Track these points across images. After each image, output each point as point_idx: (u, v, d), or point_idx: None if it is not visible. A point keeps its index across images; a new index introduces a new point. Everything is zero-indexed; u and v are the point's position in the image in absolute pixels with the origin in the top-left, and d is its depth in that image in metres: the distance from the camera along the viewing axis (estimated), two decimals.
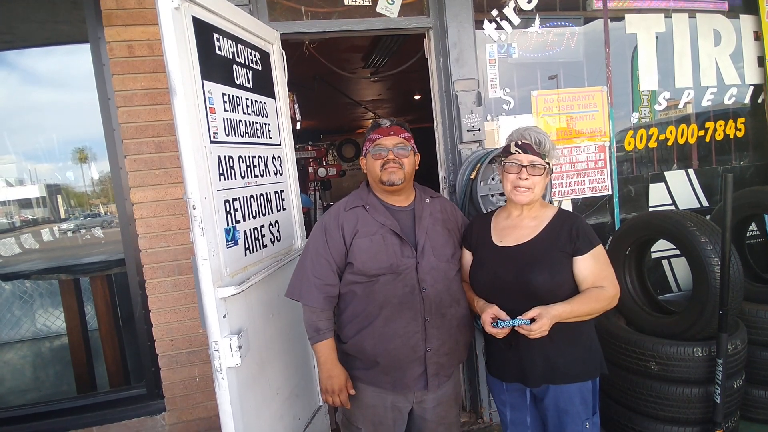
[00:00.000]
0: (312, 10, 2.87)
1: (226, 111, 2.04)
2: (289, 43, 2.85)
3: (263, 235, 2.26)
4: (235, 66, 2.14)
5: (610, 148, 3.31)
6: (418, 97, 8.07)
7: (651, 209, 3.45)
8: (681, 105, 3.49)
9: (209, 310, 1.79)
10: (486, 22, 3.05)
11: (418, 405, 1.93)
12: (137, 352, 2.96)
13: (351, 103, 8.18)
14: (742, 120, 3.60)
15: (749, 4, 3.54)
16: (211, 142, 1.90)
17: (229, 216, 1.98)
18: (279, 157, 2.51)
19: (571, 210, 3.21)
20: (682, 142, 3.51)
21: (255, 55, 2.35)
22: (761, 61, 3.59)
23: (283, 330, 2.33)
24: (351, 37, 3.08)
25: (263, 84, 2.41)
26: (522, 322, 1.63)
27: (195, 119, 1.79)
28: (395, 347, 1.82)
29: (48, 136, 3.51)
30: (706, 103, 3.52)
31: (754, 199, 3.07)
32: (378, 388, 1.89)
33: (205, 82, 1.89)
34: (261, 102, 2.35)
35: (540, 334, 1.62)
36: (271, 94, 2.49)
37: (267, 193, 2.34)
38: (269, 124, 2.42)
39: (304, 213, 2.80)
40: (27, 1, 2.90)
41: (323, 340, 1.85)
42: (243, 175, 2.12)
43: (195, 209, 1.75)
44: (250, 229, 2.15)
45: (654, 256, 3.44)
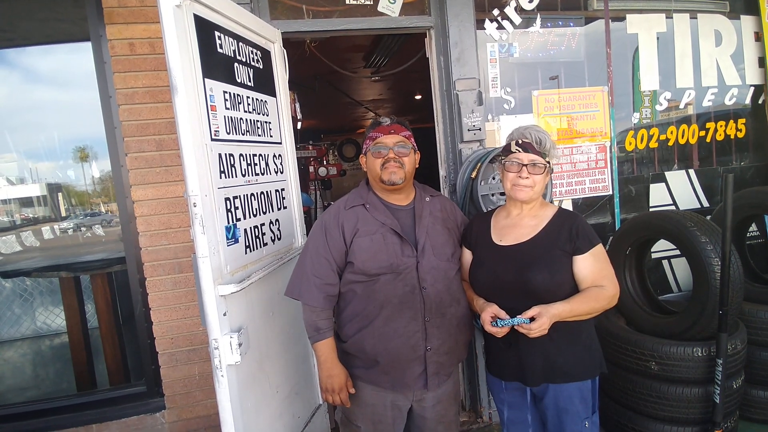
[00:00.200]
0: (313, 9, 2.87)
1: (227, 109, 2.04)
2: (290, 42, 2.86)
3: (264, 234, 2.26)
4: (236, 64, 2.15)
5: (610, 148, 3.31)
6: (418, 97, 8.07)
7: (651, 209, 3.45)
8: (682, 105, 3.49)
9: (209, 308, 1.79)
10: (487, 22, 3.06)
11: (418, 403, 1.93)
12: (137, 349, 2.97)
13: (352, 102, 8.18)
14: (743, 121, 3.60)
15: (750, 5, 3.54)
16: (212, 140, 1.90)
17: (229, 214, 1.98)
18: (280, 155, 2.51)
19: (571, 210, 3.21)
20: (682, 142, 3.51)
21: (256, 53, 2.35)
22: (762, 62, 3.59)
23: (283, 328, 2.34)
24: (352, 36, 3.08)
25: (264, 82, 2.41)
26: (521, 321, 1.63)
27: (196, 117, 1.79)
28: (395, 347, 1.82)
29: (49, 135, 3.51)
30: (706, 104, 3.53)
31: (754, 199, 3.07)
32: (378, 387, 1.89)
33: (206, 80, 1.89)
34: (262, 100, 2.36)
35: (539, 333, 1.62)
36: (272, 92, 2.49)
37: (267, 192, 2.34)
38: (270, 123, 2.43)
39: (304, 212, 2.81)
40: None
41: (323, 339, 1.85)
42: (244, 173, 2.13)
43: (196, 207, 1.75)
44: (251, 227, 2.15)
45: (654, 256, 3.44)
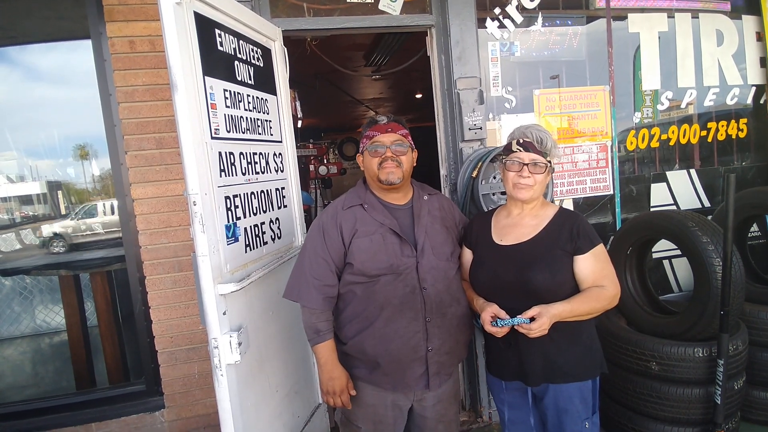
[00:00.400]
0: (314, 7, 2.86)
1: (228, 107, 2.03)
2: (290, 40, 2.85)
3: (264, 232, 2.26)
4: (236, 62, 2.14)
5: (611, 147, 3.31)
6: (419, 95, 8.06)
7: (652, 209, 3.44)
8: (683, 105, 3.48)
9: (209, 307, 1.79)
10: (488, 20, 3.05)
11: (418, 403, 1.92)
12: (137, 348, 2.96)
13: (352, 101, 8.18)
14: (744, 120, 3.59)
15: (752, 5, 3.53)
16: (212, 138, 1.90)
17: (229, 212, 1.98)
18: (280, 154, 2.50)
19: (572, 209, 3.20)
20: (684, 142, 3.50)
21: (257, 51, 2.34)
22: (763, 62, 3.58)
23: (283, 327, 2.33)
24: (353, 34, 3.07)
25: (265, 81, 2.41)
26: (522, 321, 1.62)
27: (196, 115, 1.79)
28: (396, 348, 1.80)
29: (49, 133, 3.51)
30: (708, 104, 3.52)
31: (755, 199, 3.07)
32: (379, 387, 1.88)
33: (206, 78, 1.88)
34: (262, 99, 2.35)
35: (540, 333, 1.62)
36: (272, 90, 2.49)
37: (268, 190, 2.33)
38: (270, 121, 2.42)
39: (304, 210, 2.80)
40: None
41: (324, 341, 1.82)
42: (244, 171, 2.12)
43: (195, 205, 1.74)
44: (251, 226, 2.15)
45: (655, 256, 3.43)
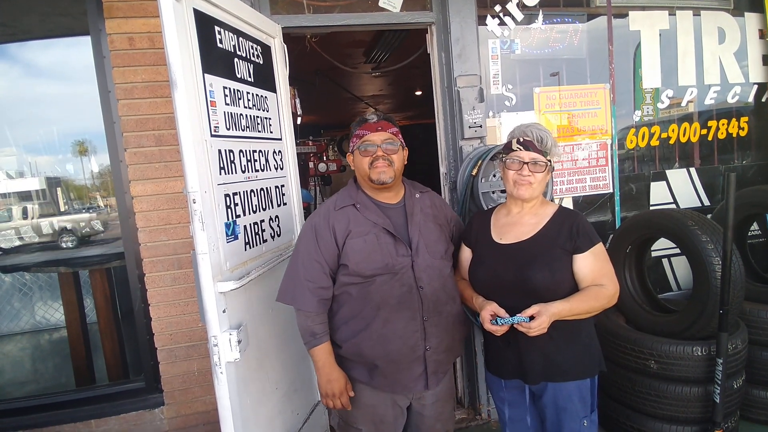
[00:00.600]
0: (314, 3, 2.85)
1: (227, 105, 2.02)
2: (290, 37, 2.84)
3: (263, 230, 2.25)
4: (236, 59, 2.13)
5: (611, 146, 3.30)
6: (419, 93, 8.04)
7: (652, 208, 3.44)
8: (684, 103, 3.47)
9: (209, 305, 1.79)
10: (489, 18, 3.04)
11: (417, 401, 1.91)
12: (136, 345, 2.96)
13: (352, 98, 8.16)
14: (746, 119, 3.58)
15: (755, 2, 3.52)
16: (212, 135, 1.89)
17: (229, 210, 1.97)
18: (280, 151, 2.50)
19: (571, 208, 3.20)
20: (684, 140, 3.49)
21: (256, 48, 2.33)
22: (766, 60, 3.56)
23: (283, 325, 2.33)
24: (353, 31, 3.07)
25: (264, 78, 2.40)
26: (521, 320, 1.62)
27: (196, 112, 1.78)
28: (395, 349, 1.79)
29: (48, 129, 3.50)
30: (709, 102, 3.51)
31: (756, 198, 3.06)
32: (377, 389, 1.86)
33: (206, 75, 1.88)
34: (262, 96, 2.34)
35: (539, 332, 1.62)
36: (272, 88, 2.48)
37: (267, 188, 2.33)
38: (270, 119, 2.41)
39: (304, 208, 2.80)
40: None
41: (320, 344, 1.80)
42: (243, 169, 2.11)
43: (195, 203, 1.74)
44: (251, 224, 2.14)
45: (654, 254, 3.43)
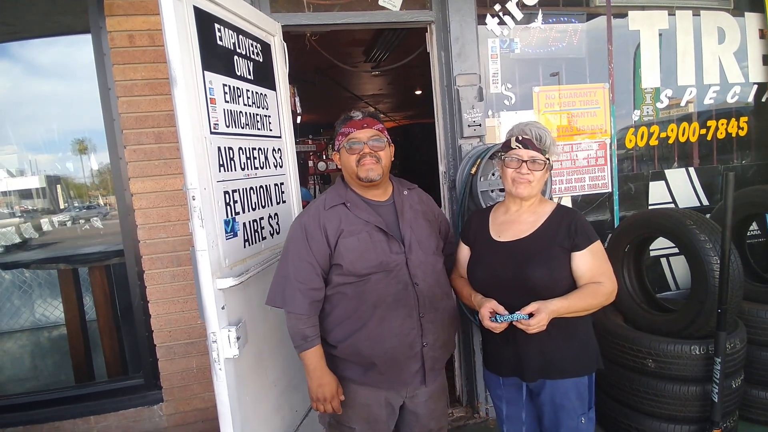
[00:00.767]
0: (314, 2, 2.86)
1: (227, 102, 2.03)
2: (290, 35, 2.84)
3: (262, 228, 2.26)
4: (236, 57, 2.14)
5: (610, 145, 3.31)
6: (419, 92, 8.04)
7: (651, 207, 3.45)
8: (683, 103, 3.48)
9: (208, 301, 1.79)
10: (488, 17, 3.04)
11: (410, 399, 1.90)
12: (135, 342, 2.97)
13: (352, 97, 8.16)
14: (745, 119, 3.58)
15: (755, 2, 3.52)
16: (212, 133, 1.90)
17: (228, 207, 1.98)
18: (279, 149, 2.50)
19: (570, 206, 3.21)
20: (683, 140, 3.50)
21: (256, 46, 2.34)
22: (766, 60, 3.57)
23: (281, 322, 2.31)
24: (353, 30, 3.07)
25: (264, 76, 2.40)
26: (520, 317, 1.63)
27: (195, 110, 1.79)
28: (393, 347, 1.78)
29: (48, 127, 3.51)
30: (708, 102, 3.51)
31: (755, 198, 3.06)
32: (373, 387, 1.85)
33: (205, 72, 1.88)
34: (262, 94, 2.35)
35: (538, 329, 1.62)
36: (272, 86, 2.48)
37: (267, 186, 2.33)
38: (270, 116, 2.42)
39: (303, 206, 2.80)
40: None
41: (312, 347, 1.77)
42: (243, 166, 2.12)
43: (195, 200, 1.74)
44: (250, 221, 2.15)
45: (653, 254, 3.44)
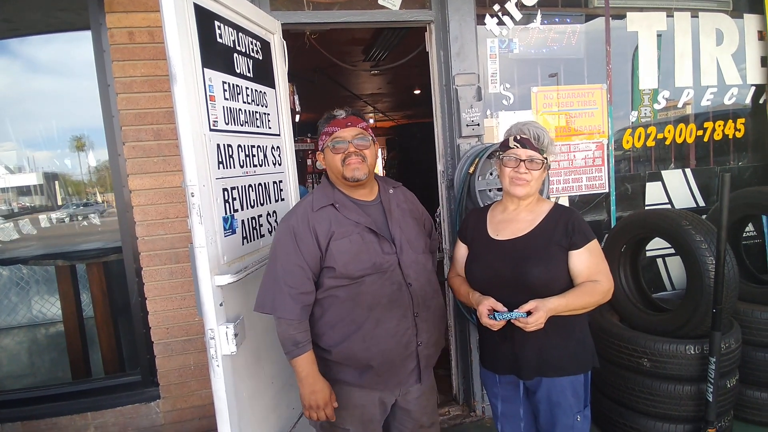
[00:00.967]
0: (314, 0, 2.86)
1: (226, 99, 2.03)
2: (290, 34, 2.85)
3: (261, 225, 2.26)
4: (235, 54, 2.14)
5: (608, 146, 3.32)
6: (417, 91, 8.05)
7: (647, 208, 3.46)
8: (680, 105, 3.49)
9: (206, 298, 1.80)
10: (488, 17, 3.05)
11: (403, 397, 1.89)
12: (132, 339, 2.97)
13: (351, 96, 8.17)
14: (742, 120, 3.60)
15: (754, 4, 3.53)
16: (211, 130, 1.90)
17: (227, 204, 1.98)
18: (278, 147, 2.51)
19: (568, 206, 3.22)
20: (680, 141, 3.52)
21: (256, 44, 2.34)
22: (764, 62, 3.58)
23: None
24: (352, 29, 3.07)
25: (264, 74, 2.41)
26: (519, 315, 1.64)
27: (195, 106, 1.79)
28: (389, 348, 1.77)
29: (47, 123, 3.50)
30: (705, 103, 3.53)
31: (751, 199, 3.09)
32: (367, 389, 1.83)
33: (205, 69, 1.88)
34: (261, 92, 2.35)
35: (536, 327, 1.63)
36: (271, 84, 2.49)
37: (265, 183, 2.34)
38: (269, 114, 2.42)
39: None
40: None
41: (303, 353, 1.73)
42: (242, 164, 2.12)
43: (193, 197, 1.75)
44: (248, 219, 2.15)
45: (649, 254, 3.45)
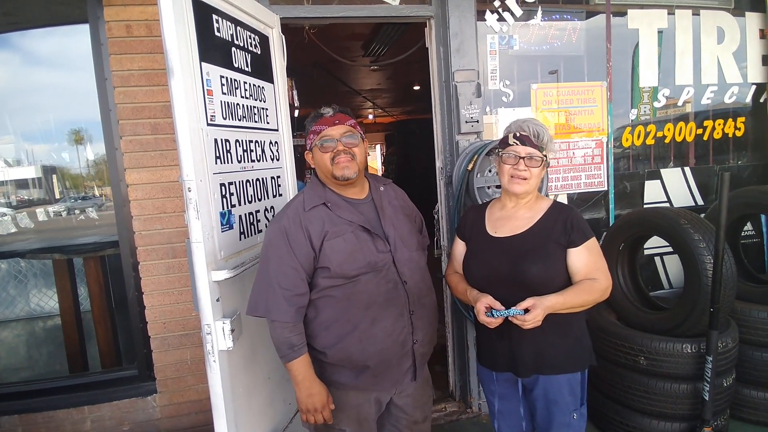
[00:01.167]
0: None
1: (224, 94, 2.02)
2: (288, 28, 2.83)
3: (258, 221, 2.26)
4: (233, 49, 2.12)
5: (607, 144, 3.31)
6: (417, 87, 8.03)
7: (646, 206, 3.46)
8: (680, 103, 3.48)
9: (202, 293, 1.79)
10: (488, 13, 3.04)
11: (398, 395, 1.88)
12: (129, 333, 2.97)
13: (350, 91, 8.15)
14: (742, 119, 3.59)
15: (755, 2, 3.51)
16: (208, 124, 1.89)
17: (224, 200, 1.97)
18: (276, 142, 2.50)
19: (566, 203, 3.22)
20: (679, 140, 3.51)
21: (254, 38, 2.33)
22: (766, 60, 3.57)
23: None
24: (351, 24, 3.06)
25: (262, 68, 2.39)
26: (516, 312, 1.64)
27: (192, 101, 1.78)
28: (386, 347, 1.76)
29: (45, 117, 3.50)
30: (705, 102, 3.52)
31: (750, 198, 3.08)
32: (363, 389, 1.81)
33: (203, 63, 1.87)
34: (259, 86, 2.34)
35: (534, 325, 1.63)
36: (269, 78, 2.47)
37: (263, 179, 2.33)
38: (267, 109, 2.41)
39: None
40: None
41: (299, 356, 1.71)
42: (239, 159, 2.11)
43: (191, 191, 1.74)
44: (246, 214, 2.15)
45: (647, 253, 3.45)
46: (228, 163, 2.02)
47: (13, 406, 2.84)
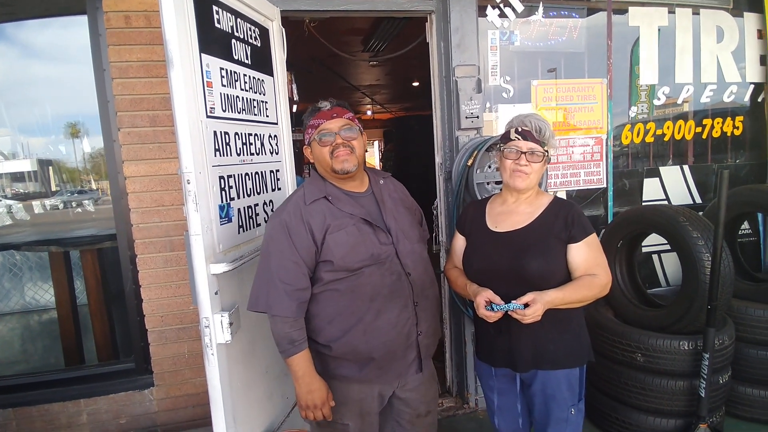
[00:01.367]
0: None
1: (224, 86, 2.01)
2: (289, 21, 2.81)
3: (257, 214, 2.25)
4: (233, 41, 2.11)
5: (606, 141, 3.32)
6: (416, 83, 8.02)
7: (644, 204, 3.47)
8: (679, 101, 3.49)
9: (201, 286, 1.78)
10: (489, 9, 3.03)
11: (401, 388, 1.88)
12: (126, 326, 2.96)
13: (349, 87, 8.13)
14: (741, 118, 3.60)
15: (754, 2, 3.52)
16: (208, 116, 1.88)
17: (223, 193, 1.96)
18: (275, 136, 2.49)
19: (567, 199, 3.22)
20: (678, 138, 3.51)
21: (254, 30, 2.31)
22: (764, 60, 3.58)
23: None
24: (351, 18, 3.04)
25: (262, 61, 2.38)
26: (516, 307, 1.64)
27: (191, 93, 1.76)
28: (391, 339, 1.75)
29: (42, 109, 3.47)
30: (704, 100, 3.53)
31: (748, 197, 3.09)
32: (368, 382, 1.81)
33: (202, 55, 1.86)
34: (259, 79, 2.33)
35: (533, 320, 1.63)
36: (269, 71, 2.46)
37: (262, 172, 2.32)
38: (266, 102, 2.40)
39: None
40: None
41: (300, 351, 1.69)
42: (239, 152, 2.10)
43: (189, 184, 1.73)
44: (244, 207, 2.14)
45: (645, 250, 3.46)
46: (227, 155, 2.01)
47: (8, 399, 2.82)
